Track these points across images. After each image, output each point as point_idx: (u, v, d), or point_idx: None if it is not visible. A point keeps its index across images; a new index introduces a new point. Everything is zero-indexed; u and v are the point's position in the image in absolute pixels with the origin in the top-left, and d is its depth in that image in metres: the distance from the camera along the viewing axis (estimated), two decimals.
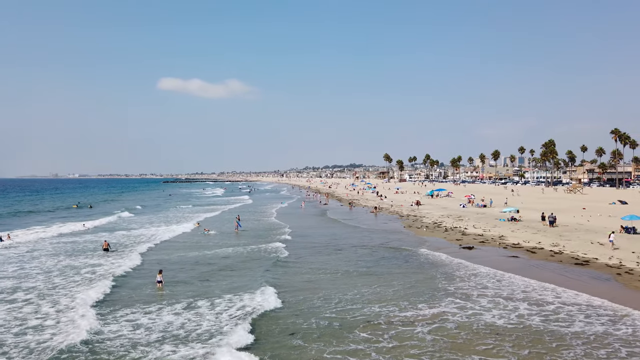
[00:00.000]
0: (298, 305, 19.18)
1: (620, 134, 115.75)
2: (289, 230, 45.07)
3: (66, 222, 54.93)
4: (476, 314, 17.67)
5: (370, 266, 27.56)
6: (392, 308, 18.50)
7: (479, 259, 28.70)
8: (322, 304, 19.37)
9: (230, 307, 18.80)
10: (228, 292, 21.21)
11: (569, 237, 35.67)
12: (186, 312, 18.31)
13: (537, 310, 18.02)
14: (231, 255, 31.78)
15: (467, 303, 19.12)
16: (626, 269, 25.03)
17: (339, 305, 19.05)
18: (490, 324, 16.53)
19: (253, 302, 19.34)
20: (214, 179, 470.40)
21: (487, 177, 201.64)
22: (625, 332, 15.62)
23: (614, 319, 16.98)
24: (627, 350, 14.19)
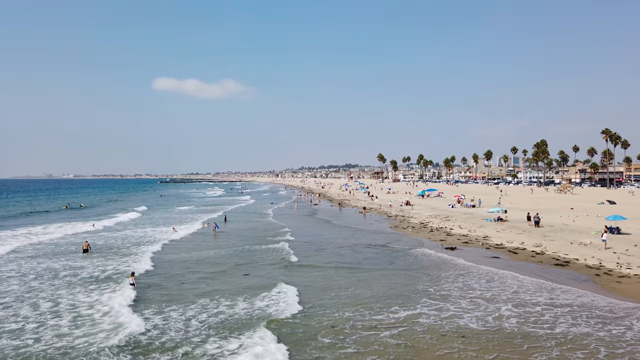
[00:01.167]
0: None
1: (611, 134, 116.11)
2: (271, 229, 44.73)
3: (73, 222, 54.40)
4: (450, 316, 17.29)
5: (350, 267, 27.22)
6: (364, 312, 18.03)
7: (460, 260, 28.45)
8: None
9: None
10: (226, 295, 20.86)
11: (553, 238, 35.50)
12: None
13: (513, 312, 17.69)
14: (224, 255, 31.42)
15: (445, 305, 18.79)
16: (605, 269, 24.84)
17: (310, 310, 18.66)
18: (461, 326, 16.20)
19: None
20: (208, 179, 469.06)
21: (480, 177, 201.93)
22: (602, 334, 15.39)
23: (589, 320, 16.73)
24: (607, 351, 13.95)
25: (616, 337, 15.12)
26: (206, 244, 36.96)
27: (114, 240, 39.23)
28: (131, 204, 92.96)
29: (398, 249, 33.10)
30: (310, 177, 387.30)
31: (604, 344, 14.56)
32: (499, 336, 15.22)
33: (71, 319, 17.45)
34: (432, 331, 15.70)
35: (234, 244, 36.56)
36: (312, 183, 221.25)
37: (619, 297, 19.73)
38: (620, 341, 14.77)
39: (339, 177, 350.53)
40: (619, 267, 25.20)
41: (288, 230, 44.96)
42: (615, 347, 14.32)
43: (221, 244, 36.75)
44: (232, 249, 33.98)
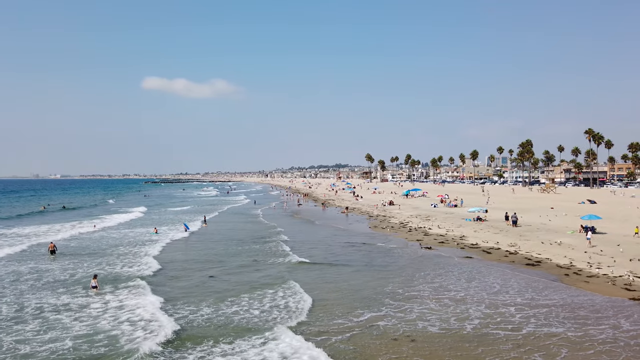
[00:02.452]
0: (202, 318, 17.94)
1: (594, 134, 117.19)
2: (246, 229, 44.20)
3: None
4: (413, 319, 16.83)
5: (322, 268, 26.80)
6: (322, 315, 17.57)
7: (433, 260, 28.22)
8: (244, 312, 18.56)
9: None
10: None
11: (529, 237, 35.44)
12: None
13: (478, 314, 17.37)
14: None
15: (412, 306, 18.43)
16: (575, 269, 24.75)
17: (270, 315, 18.22)
18: (418, 330, 15.79)
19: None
20: (197, 180, 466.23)
21: (467, 177, 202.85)
22: (571, 334, 15.16)
23: (553, 320, 16.49)
24: (568, 353, 13.69)
25: (580, 337, 14.87)
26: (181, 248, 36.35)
27: (91, 242, 38.44)
28: (119, 205, 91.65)
29: (372, 249, 32.81)
30: (300, 177, 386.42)
31: (567, 344, 14.30)
32: (454, 340, 14.84)
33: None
34: (385, 336, 15.24)
35: (209, 247, 36.01)
36: (300, 183, 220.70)
37: (586, 296, 19.57)
38: (584, 341, 14.51)
39: (328, 177, 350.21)
40: (589, 266, 25.11)
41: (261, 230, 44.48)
42: (578, 347, 14.05)
43: (196, 247, 36.17)
44: (206, 251, 33.43)
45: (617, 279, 22.40)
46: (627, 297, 19.33)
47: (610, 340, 14.60)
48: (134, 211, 70.39)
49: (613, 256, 27.19)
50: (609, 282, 21.95)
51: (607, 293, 20.08)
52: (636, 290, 20.31)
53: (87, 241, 38.72)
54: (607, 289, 20.69)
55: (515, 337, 14.91)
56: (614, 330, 15.39)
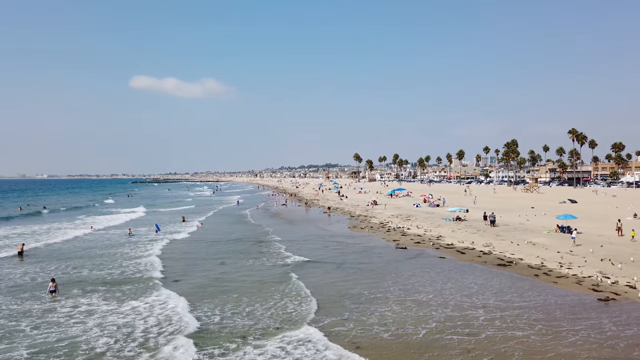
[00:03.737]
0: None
1: (577, 133, 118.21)
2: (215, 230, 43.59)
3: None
4: (370, 324, 16.34)
5: (287, 271, 26.31)
6: (268, 322, 16.83)
7: (406, 261, 27.94)
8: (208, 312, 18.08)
9: None
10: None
11: (505, 237, 35.33)
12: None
13: (439, 317, 16.97)
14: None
15: (376, 308, 18.04)
16: (546, 269, 24.59)
17: (223, 321, 17.73)
18: (369, 336, 15.21)
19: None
20: (186, 180, 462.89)
21: (454, 177, 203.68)
22: (525, 338, 14.83)
23: (516, 323, 16.19)
24: (520, 356, 13.39)
25: (540, 340, 14.56)
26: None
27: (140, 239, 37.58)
28: (103, 206, 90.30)
29: (346, 250, 32.41)
30: (289, 177, 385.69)
31: (524, 347, 14.00)
32: (401, 346, 14.35)
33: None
34: (333, 342, 14.71)
35: (184, 250, 35.40)
36: (288, 183, 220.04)
37: (552, 298, 19.35)
38: (543, 344, 14.21)
39: (317, 176, 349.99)
40: (559, 267, 24.98)
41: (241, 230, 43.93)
42: (535, 351, 13.74)
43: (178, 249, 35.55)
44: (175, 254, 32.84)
45: (585, 279, 22.26)
46: (594, 298, 19.15)
47: (570, 343, 14.32)
48: (121, 212, 69.45)
49: (585, 256, 27.12)
50: (577, 282, 21.81)
51: (575, 294, 19.89)
52: (603, 291, 20.16)
53: (68, 244, 37.88)
54: (575, 290, 20.51)
55: (469, 342, 14.53)
56: (576, 333, 15.13)
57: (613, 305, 18.17)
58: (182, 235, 42.08)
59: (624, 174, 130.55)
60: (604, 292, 20.02)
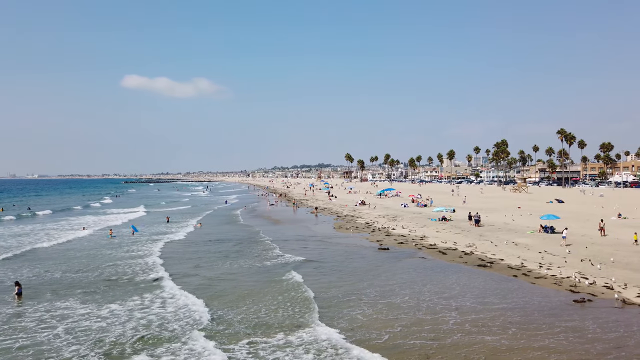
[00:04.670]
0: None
1: (566, 134, 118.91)
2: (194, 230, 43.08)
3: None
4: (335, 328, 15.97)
5: (255, 272, 25.85)
6: (239, 327, 16.25)
7: (387, 262, 27.63)
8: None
9: None
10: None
11: (488, 237, 35.18)
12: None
13: (403, 321, 16.48)
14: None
15: (345, 314, 17.58)
16: (525, 270, 24.39)
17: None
18: (323, 339, 14.89)
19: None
20: (178, 179, 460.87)
21: (445, 177, 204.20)
22: (492, 341, 14.49)
23: (487, 326, 15.89)
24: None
25: (507, 344, 14.24)
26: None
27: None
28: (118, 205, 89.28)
29: (328, 251, 32.03)
30: (282, 176, 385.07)
31: (489, 352, 13.66)
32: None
33: None
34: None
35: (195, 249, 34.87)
36: (279, 183, 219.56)
37: (528, 299, 19.12)
38: (510, 348, 13.87)
39: (309, 176, 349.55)
40: (539, 267, 24.80)
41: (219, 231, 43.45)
42: (499, 356, 13.44)
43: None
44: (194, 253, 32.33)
45: (564, 280, 22.08)
46: (571, 300, 18.95)
47: (540, 347, 14.01)
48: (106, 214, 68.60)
49: (565, 257, 27.00)
50: (555, 283, 21.61)
51: (552, 295, 19.68)
52: (580, 292, 19.97)
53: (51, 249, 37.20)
54: (552, 291, 20.32)
55: (430, 347, 14.13)
56: (548, 336, 14.82)
57: (589, 307, 17.96)
58: (177, 236, 41.54)
59: (613, 174, 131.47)
60: (581, 293, 19.84)
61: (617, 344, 14.10)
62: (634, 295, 19.10)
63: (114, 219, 58.00)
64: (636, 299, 18.72)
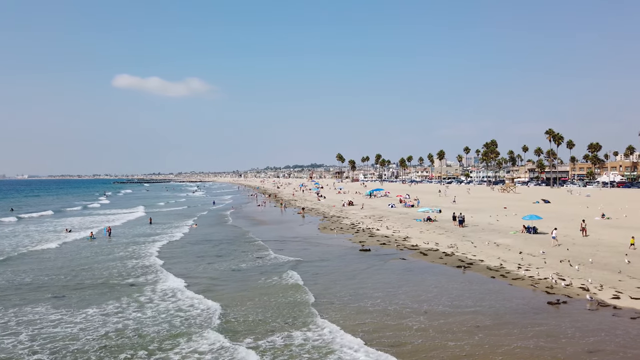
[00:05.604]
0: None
1: (554, 134, 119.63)
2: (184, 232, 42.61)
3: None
4: (296, 336, 15.50)
5: (245, 273, 25.56)
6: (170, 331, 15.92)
7: (366, 263, 27.35)
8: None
9: None
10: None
11: (471, 238, 35.05)
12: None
13: (365, 327, 16.03)
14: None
15: (311, 319, 17.38)
16: (504, 271, 24.21)
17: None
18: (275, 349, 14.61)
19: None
20: (170, 180, 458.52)
21: (436, 177, 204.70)
22: (454, 348, 14.16)
23: (452, 330, 15.62)
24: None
25: (469, 350, 13.87)
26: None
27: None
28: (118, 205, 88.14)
29: (308, 252, 31.65)
30: (274, 177, 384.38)
31: (444, 357, 13.35)
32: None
33: None
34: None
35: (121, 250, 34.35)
36: (270, 184, 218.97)
37: (502, 302, 18.90)
38: (471, 354, 13.57)
39: (302, 177, 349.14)
40: (518, 268, 24.64)
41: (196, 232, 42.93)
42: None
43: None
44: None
45: (541, 281, 21.93)
46: (545, 302, 18.76)
47: (504, 352, 13.65)
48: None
49: (545, 257, 26.90)
50: (532, 284, 21.43)
51: (527, 297, 19.48)
52: (556, 293, 19.80)
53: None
54: (529, 293, 20.13)
55: (387, 352, 13.70)
56: (516, 341, 14.46)
57: (563, 310, 17.75)
58: (163, 238, 41.00)
59: (601, 174, 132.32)
60: (557, 294, 19.67)
61: (589, 348, 13.81)
62: (609, 297, 18.96)
63: (100, 222, 57.28)
64: (611, 300, 18.58)
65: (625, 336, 14.72)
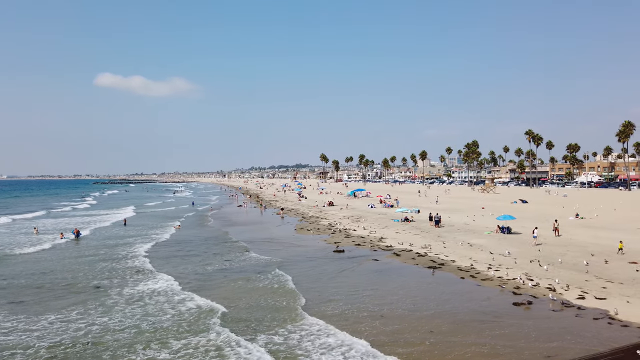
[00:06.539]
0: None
1: (534, 135, 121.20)
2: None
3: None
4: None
5: (210, 275, 24.99)
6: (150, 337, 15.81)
7: (337, 264, 27.04)
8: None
9: None
10: None
11: (446, 238, 35.01)
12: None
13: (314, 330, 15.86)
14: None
15: (260, 327, 16.98)
16: (474, 272, 24.13)
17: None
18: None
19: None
20: (153, 180, 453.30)
21: (419, 177, 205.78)
22: (403, 355, 13.93)
23: (400, 339, 15.41)
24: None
25: (414, 357, 13.50)
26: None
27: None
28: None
29: (279, 254, 31.16)
30: (258, 177, 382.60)
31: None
32: None
33: None
34: None
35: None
36: (253, 184, 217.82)
37: (468, 303, 18.75)
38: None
39: (286, 177, 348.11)
40: (488, 269, 24.59)
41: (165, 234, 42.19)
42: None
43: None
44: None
45: (509, 281, 21.86)
46: (511, 302, 18.65)
47: (455, 357, 13.32)
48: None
49: (516, 257, 26.92)
50: (500, 285, 21.35)
51: (494, 297, 19.37)
52: (523, 294, 19.73)
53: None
54: (496, 293, 20.02)
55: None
56: (472, 346, 14.06)
57: (527, 311, 17.61)
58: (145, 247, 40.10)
59: (579, 175, 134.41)
60: (524, 295, 19.61)
61: (547, 353, 13.54)
62: (574, 297, 18.93)
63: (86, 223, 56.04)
64: (576, 301, 18.56)
65: (587, 338, 14.51)
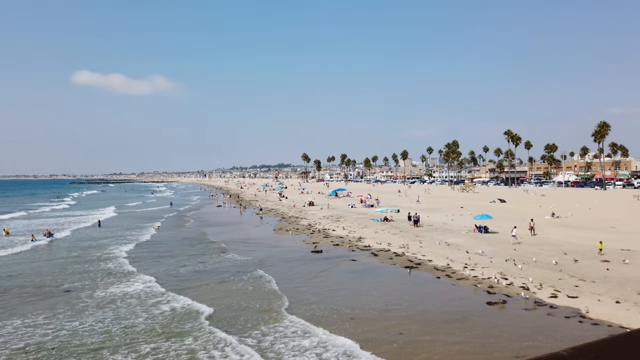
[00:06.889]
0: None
1: (512, 135, 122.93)
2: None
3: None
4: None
5: (185, 276, 24.52)
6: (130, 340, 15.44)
7: (314, 264, 26.78)
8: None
9: None
10: None
11: (424, 238, 35.05)
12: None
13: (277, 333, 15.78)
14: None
15: (234, 328, 16.63)
16: (450, 271, 24.13)
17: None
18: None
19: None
20: (132, 180, 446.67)
21: (401, 177, 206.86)
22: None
23: (369, 341, 15.23)
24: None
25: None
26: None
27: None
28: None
29: (256, 255, 30.79)
30: (240, 177, 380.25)
31: None
32: None
33: None
34: None
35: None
36: (234, 184, 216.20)
37: (441, 303, 18.69)
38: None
39: (268, 177, 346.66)
40: (464, 268, 24.61)
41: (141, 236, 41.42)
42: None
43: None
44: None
45: (484, 280, 21.90)
46: (484, 302, 18.66)
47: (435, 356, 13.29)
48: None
49: (492, 257, 27.04)
50: (475, 284, 21.37)
51: (468, 297, 19.38)
52: (497, 293, 19.77)
53: None
54: (470, 293, 20.04)
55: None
56: (441, 347, 13.94)
57: (500, 310, 17.64)
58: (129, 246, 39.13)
59: (557, 174, 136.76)
60: (498, 294, 19.64)
61: (517, 353, 13.51)
62: (547, 296, 19.03)
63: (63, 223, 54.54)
64: (548, 299, 18.65)
65: (557, 337, 14.57)
